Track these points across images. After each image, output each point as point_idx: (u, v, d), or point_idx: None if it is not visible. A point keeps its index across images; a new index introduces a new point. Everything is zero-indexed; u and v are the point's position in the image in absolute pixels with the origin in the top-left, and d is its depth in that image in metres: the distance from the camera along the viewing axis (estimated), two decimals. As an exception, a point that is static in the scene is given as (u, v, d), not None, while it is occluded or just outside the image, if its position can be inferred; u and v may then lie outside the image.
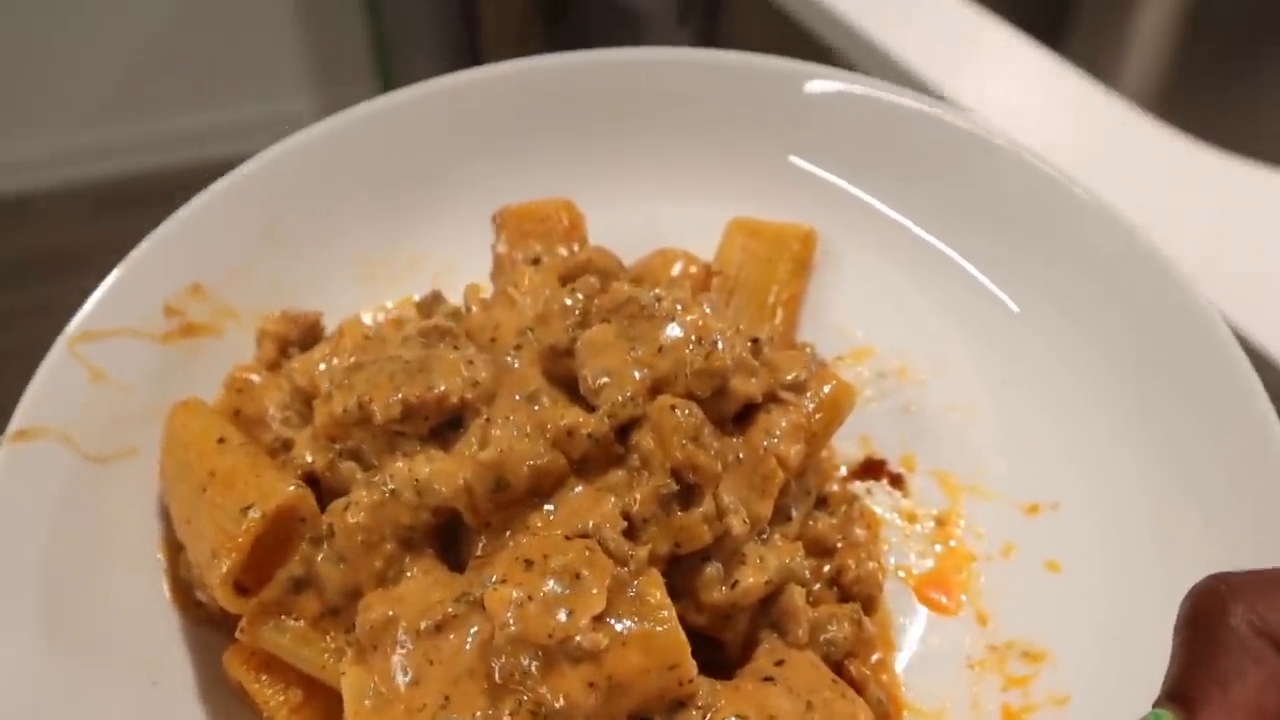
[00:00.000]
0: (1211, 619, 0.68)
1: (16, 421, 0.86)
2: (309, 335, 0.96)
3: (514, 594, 0.73)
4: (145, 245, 0.98)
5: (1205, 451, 0.88)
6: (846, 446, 1.00)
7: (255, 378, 0.93)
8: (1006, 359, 1.02)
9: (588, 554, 0.76)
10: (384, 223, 1.10)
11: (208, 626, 0.86)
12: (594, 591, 0.73)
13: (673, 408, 0.81)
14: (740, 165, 1.13)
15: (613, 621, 0.74)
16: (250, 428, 0.90)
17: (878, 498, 0.97)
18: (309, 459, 0.83)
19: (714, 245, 1.09)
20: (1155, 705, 0.70)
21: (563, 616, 0.72)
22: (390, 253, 1.10)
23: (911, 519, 0.95)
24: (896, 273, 1.08)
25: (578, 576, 0.74)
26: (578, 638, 0.72)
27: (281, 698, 0.80)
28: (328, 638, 0.80)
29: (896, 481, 0.97)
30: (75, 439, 0.88)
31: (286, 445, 0.87)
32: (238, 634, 0.80)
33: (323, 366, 0.88)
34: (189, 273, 1.00)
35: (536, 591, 0.73)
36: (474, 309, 0.93)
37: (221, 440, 0.84)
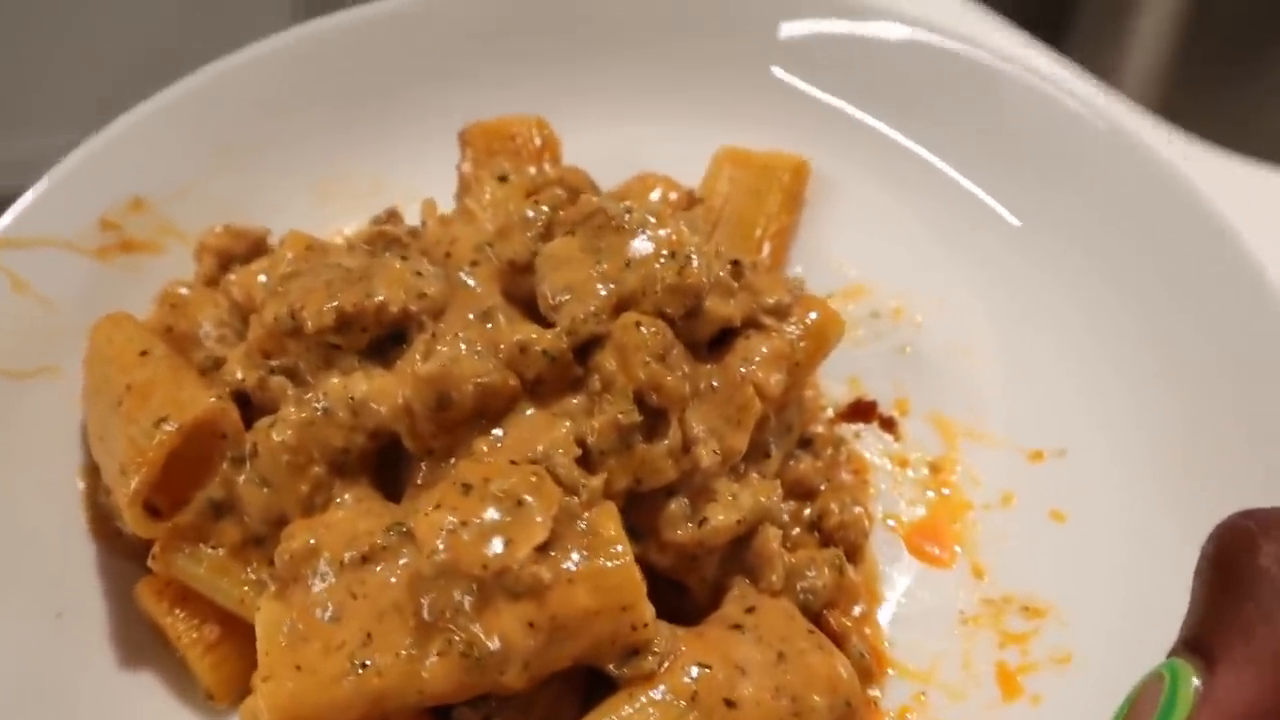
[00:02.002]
0: (1238, 559, 0.59)
1: (-79, 325, 0.79)
2: (253, 251, 0.89)
3: (447, 519, 0.65)
4: (80, 153, 0.91)
5: (1228, 392, 0.79)
6: (835, 388, 0.91)
7: (189, 292, 0.85)
8: (1012, 299, 0.93)
9: (534, 480, 0.68)
10: (346, 143, 1.02)
11: (127, 559, 0.79)
12: (537, 520, 0.66)
13: (638, 324, 0.73)
14: (730, 90, 1.05)
15: (558, 555, 0.66)
16: (183, 346, 0.82)
17: (867, 442, 0.88)
18: (239, 376, 0.76)
19: (700, 175, 1.01)
20: (1170, 655, 0.62)
21: (499, 546, 0.64)
22: (351, 174, 1.02)
23: (903, 464, 0.87)
24: (896, 206, 0.99)
25: (520, 503, 0.66)
26: (516, 570, 0.64)
27: (195, 634, 0.73)
28: (249, 569, 0.72)
29: (888, 425, 0.89)
30: (-11, 351, 0.81)
31: (218, 364, 0.80)
32: (149, 561, 0.72)
33: (262, 278, 0.80)
34: (129, 185, 0.93)
35: (472, 517, 0.66)
36: (430, 224, 0.85)
37: (144, 353, 0.76)
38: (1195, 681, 0.57)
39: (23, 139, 0.97)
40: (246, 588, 0.71)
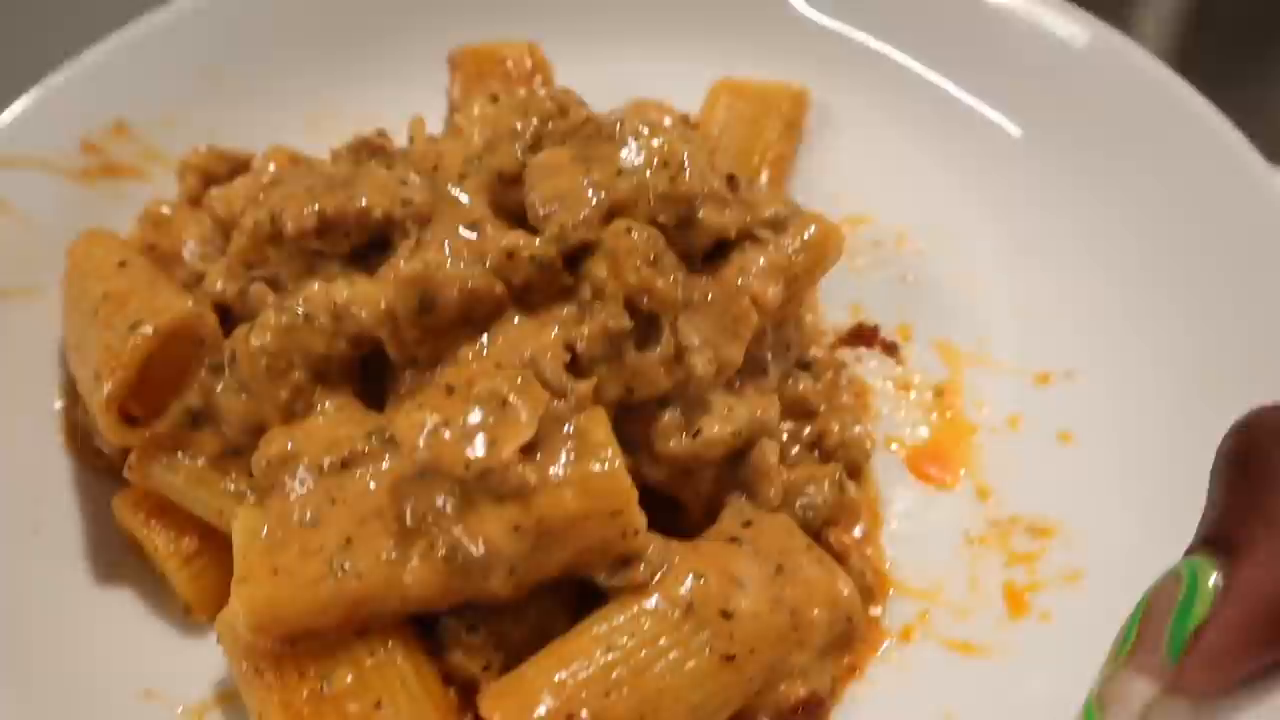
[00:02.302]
0: (1261, 453, 0.57)
1: (-104, 240, 0.77)
2: (237, 172, 0.86)
3: (428, 418, 0.63)
4: (63, 73, 0.89)
5: (1235, 305, 0.76)
6: (836, 314, 0.89)
7: (171, 211, 0.83)
8: (1016, 223, 0.90)
9: (519, 381, 0.65)
10: (336, 75, 1.00)
11: (104, 476, 0.76)
12: (522, 419, 0.63)
13: (629, 230, 0.70)
14: (729, 20, 1.02)
15: (545, 458, 0.64)
16: (165, 264, 0.80)
17: (869, 367, 0.86)
18: (219, 286, 0.73)
19: (698, 108, 0.99)
20: (1188, 554, 0.59)
21: (482, 445, 0.62)
22: (341, 106, 0.99)
23: (906, 389, 0.84)
24: (898, 132, 0.96)
25: (504, 404, 0.64)
26: (500, 470, 0.62)
27: (173, 546, 0.70)
28: (227, 479, 0.70)
29: (890, 350, 0.86)
30: (-34, 268, 0.79)
31: (200, 279, 0.77)
32: (125, 471, 0.70)
33: (244, 193, 0.78)
34: (112, 109, 0.91)
35: (455, 418, 0.63)
36: (417, 141, 0.83)
37: (123, 264, 0.74)
38: (1214, 576, 0.55)
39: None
40: (226, 498, 0.69)
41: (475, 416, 0.63)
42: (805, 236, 0.79)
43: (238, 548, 0.64)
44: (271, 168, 0.77)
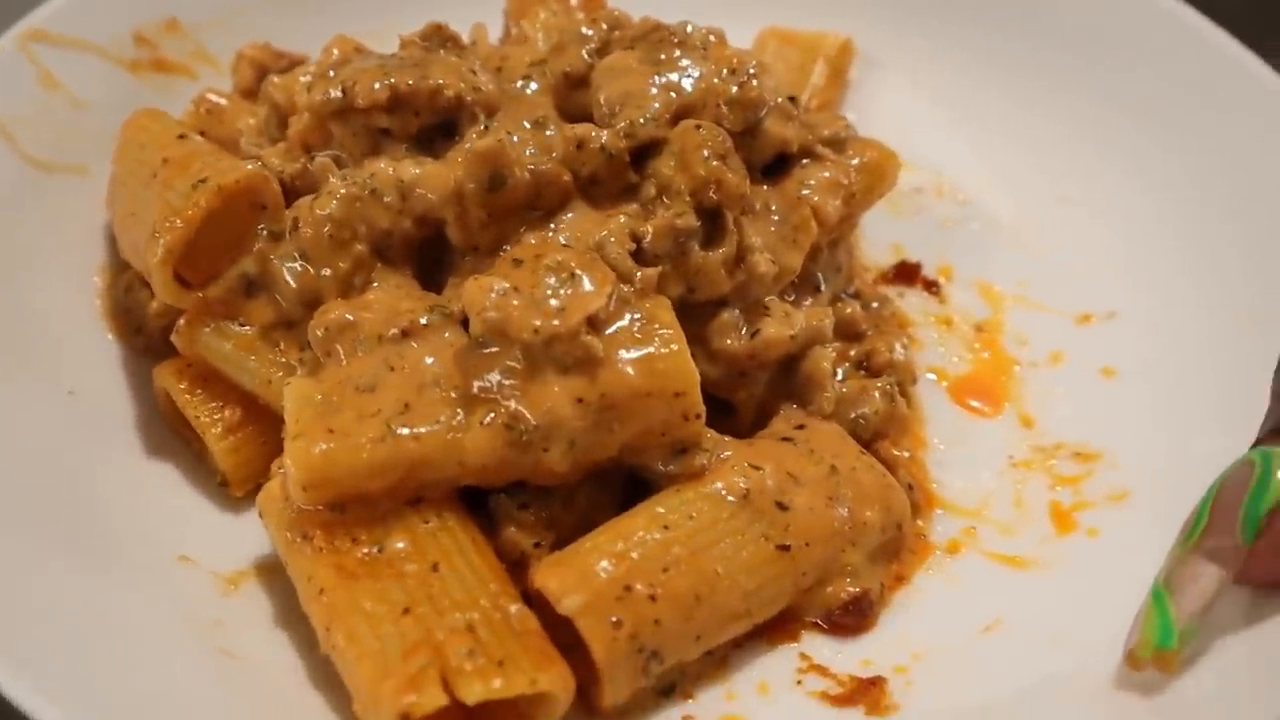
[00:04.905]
0: None
1: (-53, 99, 0.76)
2: (290, 69, 0.86)
3: (497, 284, 0.62)
4: (119, -36, 0.89)
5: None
6: (877, 252, 0.90)
7: (225, 102, 0.82)
8: (1055, 173, 0.92)
9: (588, 258, 0.65)
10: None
11: (145, 356, 0.75)
12: (590, 289, 0.63)
13: (698, 126, 0.71)
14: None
15: (611, 336, 0.63)
16: (218, 150, 0.79)
17: (911, 303, 0.86)
18: (277, 165, 0.72)
19: (744, 54, 1.00)
20: (1257, 443, 0.60)
21: (551, 311, 0.61)
22: (387, 24, 0.98)
23: (948, 324, 0.85)
24: (942, 79, 0.98)
25: (573, 275, 0.64)
26: (567, 338, 0.61)
27: (217, 415, 0.68)
28: (277, 349, 0.68)
29: (931, 287, 0.87)
30: (15, 135, 0.78)
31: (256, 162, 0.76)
32: (173, 335, 0.68)
33: (305, 78, 0.77)
34: (166, 4, 0.90)
35: (525, 284, 0.63)
36: (481, 43, 0.83)
37: (182, 136, 0.73)
38: None
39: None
40: (275, 368, 0.67)
41: (544, 285, 0.63)
42: (864, 158, 0.80)
43: (289, 411, 0.62)
44: (336, 53, 0.77)
